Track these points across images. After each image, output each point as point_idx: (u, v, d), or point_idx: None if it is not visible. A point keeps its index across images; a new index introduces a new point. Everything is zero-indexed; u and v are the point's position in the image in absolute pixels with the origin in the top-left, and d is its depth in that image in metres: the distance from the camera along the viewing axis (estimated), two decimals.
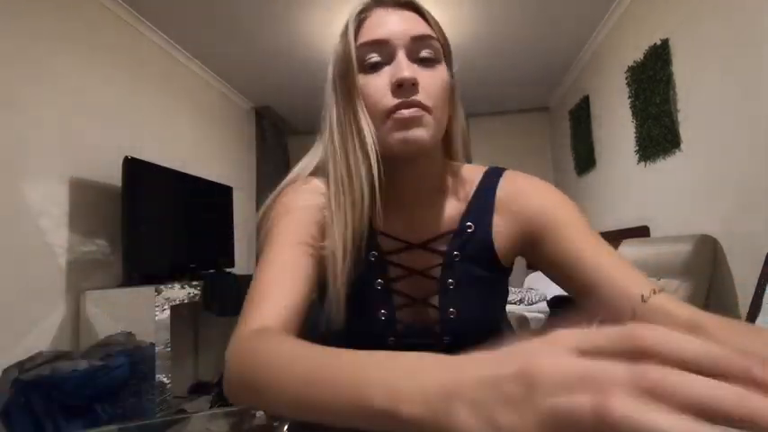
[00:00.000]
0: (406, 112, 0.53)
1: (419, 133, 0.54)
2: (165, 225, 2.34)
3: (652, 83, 2.20)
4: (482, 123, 4.46)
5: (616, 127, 2.75)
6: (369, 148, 0.55)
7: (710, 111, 1.82)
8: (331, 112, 0.60)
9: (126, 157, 2.02)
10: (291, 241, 0.55)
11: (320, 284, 0.57)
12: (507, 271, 0.65)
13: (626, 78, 2.49)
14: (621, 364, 0.19)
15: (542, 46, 3.05)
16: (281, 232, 0.56)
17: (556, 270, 0.58)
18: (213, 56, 2.93)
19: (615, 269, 0.52)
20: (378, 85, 0.55)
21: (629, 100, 2.47)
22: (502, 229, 0.62)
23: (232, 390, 0.43)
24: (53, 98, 1.88)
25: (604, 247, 0.55)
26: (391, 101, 0.54)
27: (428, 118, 0.55)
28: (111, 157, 2.10)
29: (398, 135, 0.54)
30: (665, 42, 2.08)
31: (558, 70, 3.53)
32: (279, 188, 0.63)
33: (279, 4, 2.37)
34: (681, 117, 2.02)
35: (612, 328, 0.20)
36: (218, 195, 2.88)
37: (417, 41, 0.56)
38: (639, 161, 2.42)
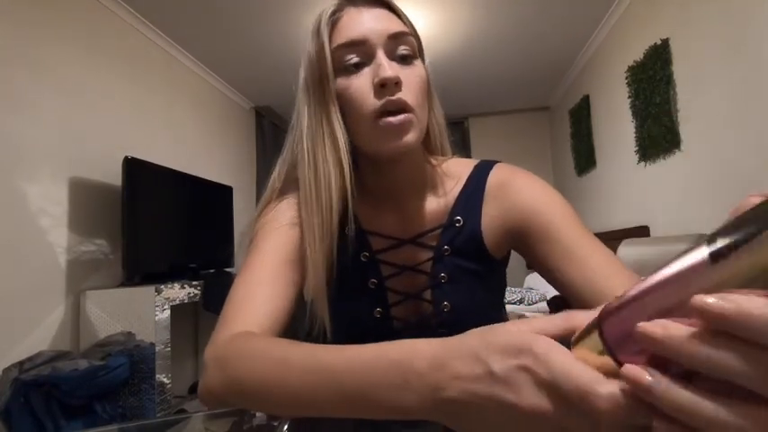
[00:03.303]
0: (394, 120, 0.53)
1: (409, 138, 0.54)
2: (165, 225, 2.33)
3: (652, 83, 2.20)
4: (482, 123, 4.46)
5: (616, 127, 2.75)
6: (342, 155, 0.55)
7: (710, 110, 1.81)
8: (302, 117, 0.59)
9: (126, 157, 2.02)
10: (273, 252, 0.56)
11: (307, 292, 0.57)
12: (499, 263, 0.65)
13: (626, 78, 2.49)
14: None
15: (542, 46, 3.05)
16: (263, 245, 0.57)
17: (544, 267, 0.57)
18: (213, 56, 2.93)
19: (600, 268, 0.51)
20: (360, 86, 0.54)
21: (629, 100, 2.47)
22: (491, 222, 0.61)
23: (214, 392, 0.41)
24: (53, 98, 1.88)
25: (595, 245, 0.53)
26: (375, 102, 0.53)
27: (415, 121, 0.54)
28: (111, 157, 2.10)
29: (389, 143, 0.54)
30: (665, 42, 2.08)
31: (558, 70, 3.53)
32: (259, 207, 0.64)
33: (280, 3, 2.37)
34: (681, 117, 2.02)
35: (555, 315, 0.27)
36: (218, 195, 2.88)
37: (395, 39, 0.55)
38: (639, 161, 2.42)
